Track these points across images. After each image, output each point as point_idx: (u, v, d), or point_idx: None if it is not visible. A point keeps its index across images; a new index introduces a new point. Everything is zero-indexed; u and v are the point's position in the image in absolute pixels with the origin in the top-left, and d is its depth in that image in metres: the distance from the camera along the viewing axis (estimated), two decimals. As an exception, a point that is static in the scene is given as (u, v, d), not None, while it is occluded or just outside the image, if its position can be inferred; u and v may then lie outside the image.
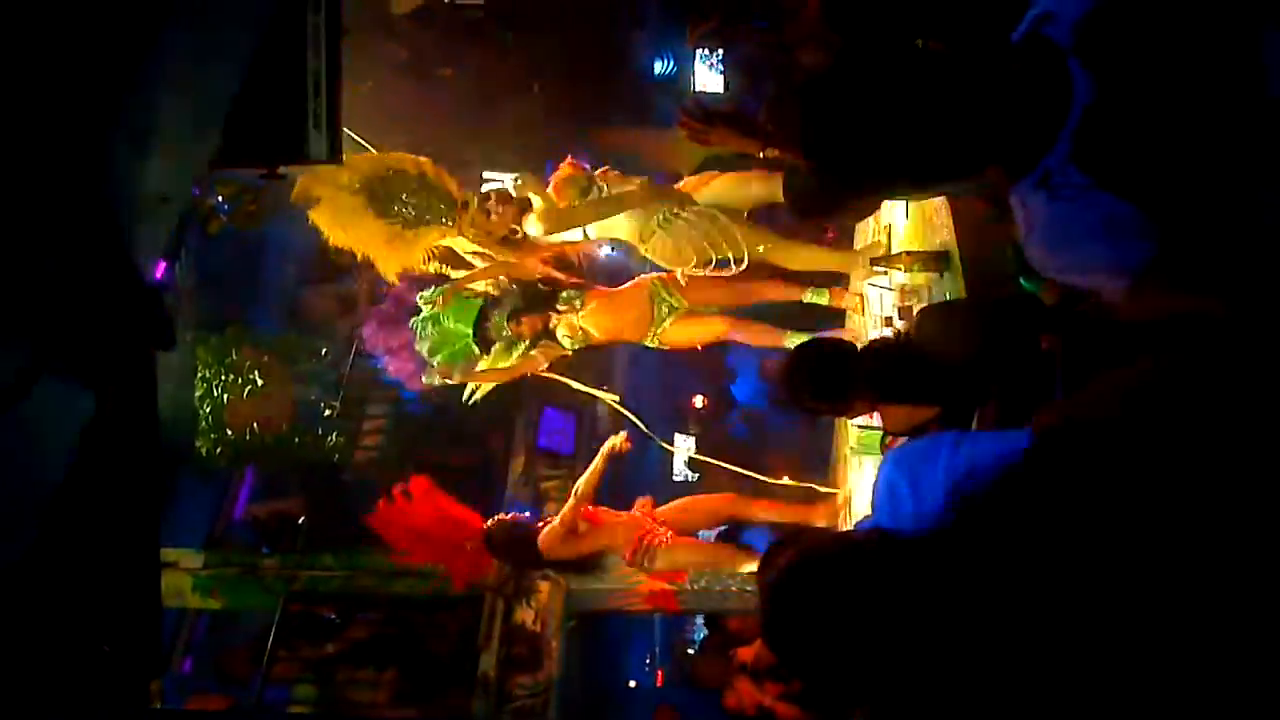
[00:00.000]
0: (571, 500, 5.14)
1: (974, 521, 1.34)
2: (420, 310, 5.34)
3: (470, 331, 5.31)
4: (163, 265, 2.45)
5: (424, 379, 5.58)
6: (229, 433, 7.21)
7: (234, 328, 7.46)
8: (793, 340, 4.85)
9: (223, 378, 7.20)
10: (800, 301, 5.11)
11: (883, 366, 3.02)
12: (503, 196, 4.99)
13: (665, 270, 5.07)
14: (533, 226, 4.93)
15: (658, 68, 9.52)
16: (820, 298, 5.05)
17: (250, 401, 7.25)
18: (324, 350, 7.83)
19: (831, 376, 3.12)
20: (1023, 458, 1.36)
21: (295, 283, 8.69)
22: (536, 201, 4.86)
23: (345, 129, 3.28)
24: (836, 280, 5.11)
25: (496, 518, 5.40)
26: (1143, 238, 1.41)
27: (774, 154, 3.59)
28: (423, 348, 5.42)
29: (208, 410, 7.18)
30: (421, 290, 5.29)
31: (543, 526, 5.21)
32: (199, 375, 7.20)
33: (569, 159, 5.06)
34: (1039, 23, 1.49)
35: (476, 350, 5.34)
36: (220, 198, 5.42)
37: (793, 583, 1.36)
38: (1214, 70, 1.37)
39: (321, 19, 2.95)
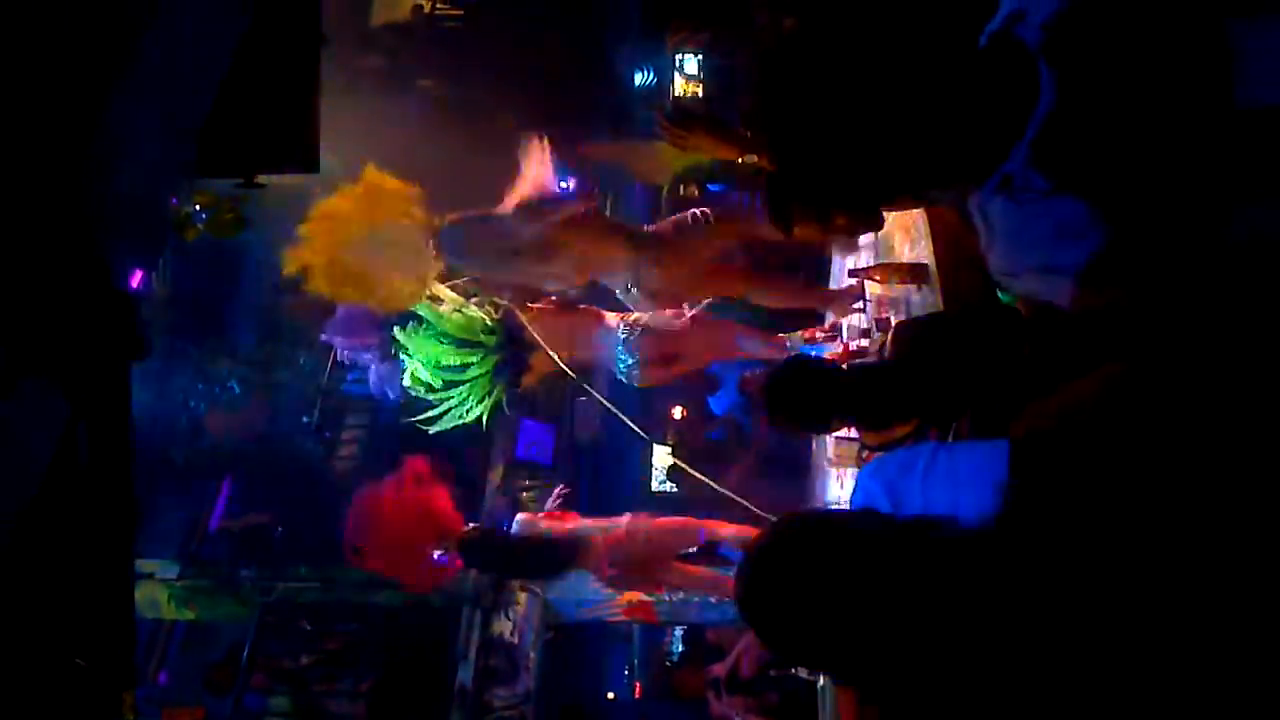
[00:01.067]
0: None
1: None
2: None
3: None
4: (139, 274, 2.43)
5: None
6: (206, 443, 7.16)
7: (211, 337, 7.42)
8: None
9: (200, 387, 7.15)
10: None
11: (863, 394, 3.00)
12: None
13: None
14: None
15: (638, 79, 9.52)
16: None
17: (228, 411, 7.20)
18: (301, 360, 7.78)
19: (811, 401, 3.10)
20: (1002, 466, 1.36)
21: (273, 291, 8.63)
22: None
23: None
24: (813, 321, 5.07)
25: (474, 525, 5.35)
26: (1100, 242, 1.40)
27: (753, 158, 3.58)
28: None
29: (184, 420, 7.13)
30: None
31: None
32: (176, 384, 7.15)
33: None
34: (1010, 21, 1.44)
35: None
36: (197, 206, 5.38)
37: (772, 546, 1.36)
38: (1182, 76, 1.35)
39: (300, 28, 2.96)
